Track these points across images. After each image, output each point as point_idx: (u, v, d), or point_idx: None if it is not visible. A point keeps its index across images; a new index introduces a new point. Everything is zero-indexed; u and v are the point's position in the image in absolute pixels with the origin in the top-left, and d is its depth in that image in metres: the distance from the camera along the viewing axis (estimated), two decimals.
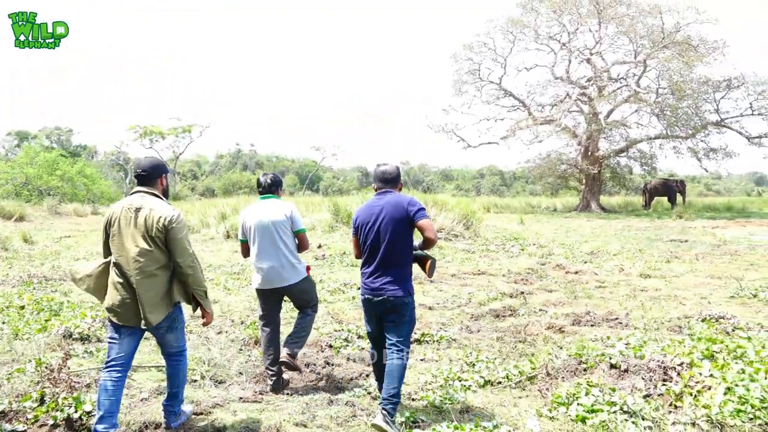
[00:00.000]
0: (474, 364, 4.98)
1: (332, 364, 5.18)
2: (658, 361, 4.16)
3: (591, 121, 30.84)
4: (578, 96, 31.63)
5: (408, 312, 3.85)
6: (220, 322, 6.49)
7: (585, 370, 4.41)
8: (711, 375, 3.84)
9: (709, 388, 3.71)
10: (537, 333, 5.99)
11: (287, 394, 4.48)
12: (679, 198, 32.66)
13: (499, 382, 4.57)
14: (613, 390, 3.93)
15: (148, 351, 5.36)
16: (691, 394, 3.71)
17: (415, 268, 4.16)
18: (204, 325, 3.73)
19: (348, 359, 5.33)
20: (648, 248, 13.71)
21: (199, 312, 3.75)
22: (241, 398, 4.36)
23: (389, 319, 3.85)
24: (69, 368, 4.52)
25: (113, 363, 3.50)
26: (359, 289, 5.01)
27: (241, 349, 5.51)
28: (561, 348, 5.14)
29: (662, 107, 29.67)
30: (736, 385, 3.66)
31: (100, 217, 25.28)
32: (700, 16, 28.36)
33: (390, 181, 3.98)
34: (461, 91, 34.02)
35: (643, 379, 4.04)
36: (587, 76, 32.01)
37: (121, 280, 3.44)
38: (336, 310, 7.23)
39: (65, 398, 3.88)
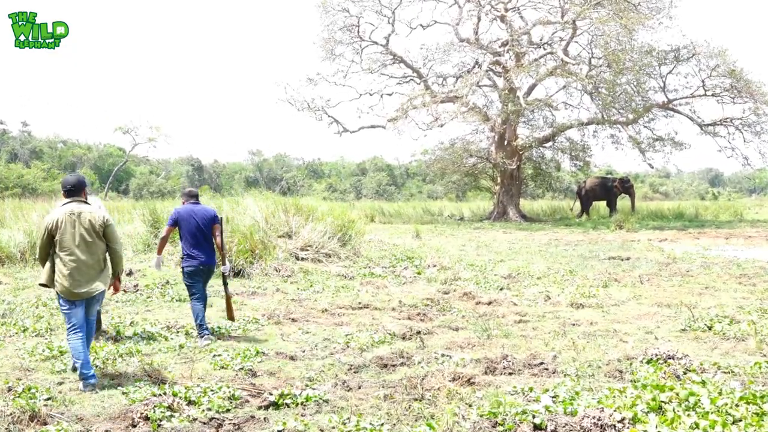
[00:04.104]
0: None
1: None
2: (594, 417, 4.43)
3: (507, 100, 32.05)
4: (490, 65, 32.91)
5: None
6: None
7: None
8: None
9: None
10: (438, 387, 6.15)
11: None
12: (626, 202, 34.90)
13: None
14: None
15: None
16: None
17: None
18: (113, 294, 7.24)
19: None
20: (581, 269, 14.57)
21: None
22: None
23: (207, 277, 8.48)
24: None
25: (75, 327, 6.39)
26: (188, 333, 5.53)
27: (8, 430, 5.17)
28: (470, 406, 5.31)
29: (596, 83, 31.57)
30: None
31: None
32: None
33: (197, 196, 8.65)
34: (333, 54, 34.15)
35: None
36: (502, 39, 33.32)
37: (70, 269, 6.28)
38: (155, 365, 7.00)
39: None
